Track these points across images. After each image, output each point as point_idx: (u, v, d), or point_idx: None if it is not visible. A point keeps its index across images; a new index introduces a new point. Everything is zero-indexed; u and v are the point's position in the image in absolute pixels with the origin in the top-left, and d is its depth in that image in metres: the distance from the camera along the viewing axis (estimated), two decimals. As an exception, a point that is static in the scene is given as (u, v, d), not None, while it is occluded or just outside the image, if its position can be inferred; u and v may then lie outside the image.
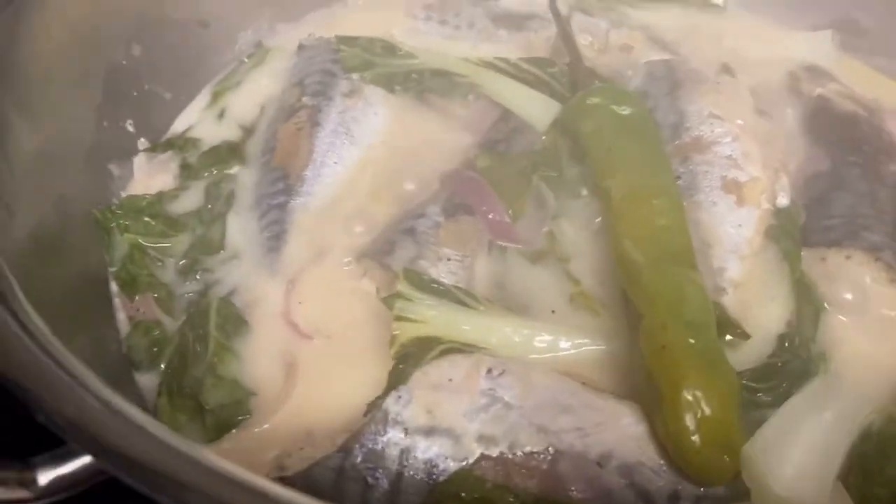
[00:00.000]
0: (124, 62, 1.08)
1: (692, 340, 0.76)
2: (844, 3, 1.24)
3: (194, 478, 0.55)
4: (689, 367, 0.73)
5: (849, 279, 0.91)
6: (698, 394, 0.71)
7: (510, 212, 0.98)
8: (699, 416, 0.71)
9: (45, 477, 0.59)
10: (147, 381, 0.88)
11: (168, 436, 0.58)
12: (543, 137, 1.07)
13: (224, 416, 0.82)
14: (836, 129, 1.06)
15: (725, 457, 0.71)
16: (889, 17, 1.20)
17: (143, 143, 1.11)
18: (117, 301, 0.95)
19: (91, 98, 1.04)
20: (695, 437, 0.70)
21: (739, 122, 1.04)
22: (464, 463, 0.72)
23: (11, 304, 0.69)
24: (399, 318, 0.82)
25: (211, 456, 0.57)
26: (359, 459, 0.72)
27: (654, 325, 0.78)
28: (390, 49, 1.17)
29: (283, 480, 0.72)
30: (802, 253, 0.93)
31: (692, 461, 0.71)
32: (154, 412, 0.84)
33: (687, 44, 1.26)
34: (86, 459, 0.59)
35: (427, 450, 0.73)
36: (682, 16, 1.32)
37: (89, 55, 1.03)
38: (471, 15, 1.29)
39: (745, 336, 0.85)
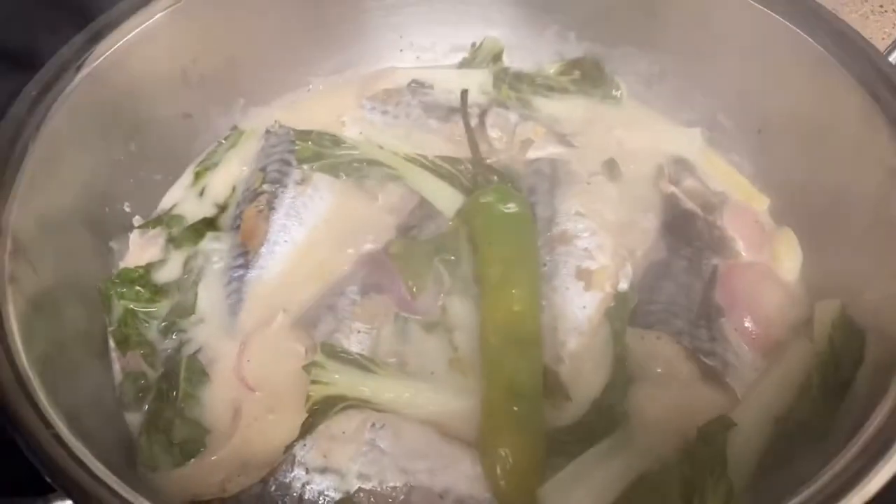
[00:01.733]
0: (122, 157, 1.34)
1: (516, 408, 1.05)
2: (712, 105, 1.47)
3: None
4: (506, 428, 1.03)
5: (657, 356, 1.16)
6: (507, 450, 1.01)
7: (414, 289, 1.26)
8: (507, 466, 1.01)
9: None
10: (133, 419, 1.17)
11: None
12: (449, 223, 1.34)
13: (187, 448, 1.12)
14: (677, 224, 1.31)
15: (526, 497, 1.01)
16: (742, 120, 1.44)
17: (137, 219, 1.37)
18: (113, 355, 1.24)
19: (97, 190, 1.29)
20: (502, 482, 1.00)
21: (599, 219, 1.32)
22: (346, 493, 1.03)
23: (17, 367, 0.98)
24: (314, 382, 1.12)
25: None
26: (273, 489, 1.03)
27: (490, 392, 1.08)
28: (337, 141, 1.45)
29: (223, 500, 1.04)
30: (628, 331, 1.20)
31: (502, 500, 1.02)
32: (137, 443, 1.15)
33: (583, 135, 1.48)
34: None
35: (321, 483, 1.03)
36: (585, 107, 1.54)
37: (96, 156, 1.29)
38: (407, 105, 1.54)
39: (568, 399, 1.12)
